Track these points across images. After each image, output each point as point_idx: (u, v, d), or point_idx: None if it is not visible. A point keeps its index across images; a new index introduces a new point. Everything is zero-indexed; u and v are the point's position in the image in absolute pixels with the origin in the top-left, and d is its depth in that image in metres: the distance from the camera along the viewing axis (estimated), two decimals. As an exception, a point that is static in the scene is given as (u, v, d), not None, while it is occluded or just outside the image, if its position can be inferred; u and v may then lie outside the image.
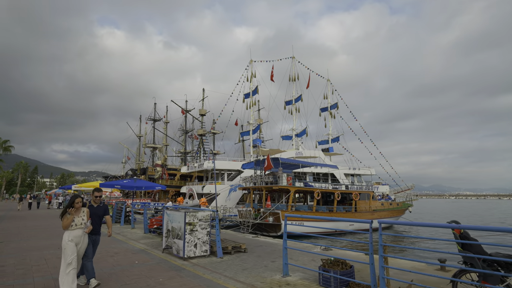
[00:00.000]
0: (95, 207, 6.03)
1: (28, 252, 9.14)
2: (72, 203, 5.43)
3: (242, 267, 7.36)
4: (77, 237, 5.34)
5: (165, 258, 8.29)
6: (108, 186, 18.97)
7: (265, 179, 25.39)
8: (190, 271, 6.88)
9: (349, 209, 27.54)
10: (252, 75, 37.23)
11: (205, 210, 8.69)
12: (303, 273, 6.72)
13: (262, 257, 8.54)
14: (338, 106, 43.79)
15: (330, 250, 9.58)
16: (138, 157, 72.67)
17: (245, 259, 8.26)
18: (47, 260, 8.03)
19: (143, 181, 18.55)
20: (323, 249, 9.76)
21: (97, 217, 6.01)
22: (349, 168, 40.43)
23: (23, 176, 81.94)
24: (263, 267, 7.38)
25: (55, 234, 12.96)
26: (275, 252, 9.20)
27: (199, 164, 33.31)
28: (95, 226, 5.90)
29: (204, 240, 8.35)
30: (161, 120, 60.75)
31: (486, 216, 49.17)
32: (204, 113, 45.51)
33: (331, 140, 43.89)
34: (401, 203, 34.59)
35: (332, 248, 9.79)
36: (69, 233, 5.29)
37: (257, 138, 38.80)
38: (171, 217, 8.75)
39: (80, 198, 5.52)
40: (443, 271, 6.96)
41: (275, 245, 10.46)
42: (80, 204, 5.48)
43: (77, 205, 5.43)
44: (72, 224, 5.30)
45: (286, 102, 41.28)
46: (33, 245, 10.24)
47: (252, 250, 9.43)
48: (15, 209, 32.01)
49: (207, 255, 8.39)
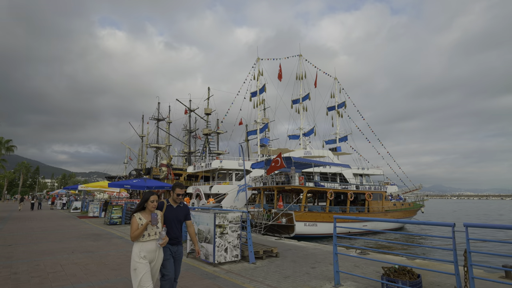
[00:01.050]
0: (175, 208, 4.32)
1: (40, 256, 8.39)
2: (145, 203, 3.92)
3: (282, 274, 6.61)
4: (151, 253, 3.82)
5: (192, 263, 7.55)
6: (116, 186, 18.24)
7: (276, 178, 24.66)
8: (227, 280, 6.13)
9: (362, 209, 26.81)
10: (259, 73, 36.51)
11: (235, 211, 7.95)
12: (356, 282, 5.97)
13: (297, 262, 7.79)
14: (346, 105, 43.10)
15: (367, 253, 8.85)
16: (140, 157, 71.94)
17: (280, 264, 7.52)
18: (63, 266, 7.29)
19: (154, 181, 17.83)
20: (358, 252, 9.02)
21: (178, 223, 4.34)
22: (358, 168, 39.71)
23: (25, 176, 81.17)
24: (305, 274, 6.63)
25: (66, 236, 12.23)
26: (309, 257, 8.45)
27: (206, 164, 32.56)
28: (176, 233, 4.26)
29: (235, 244, 7.60)
30: (164, 120, 60.04)
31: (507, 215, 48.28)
32: (210, 112, 44.76)
33: (339, 140, 43.16)
34: (412, 203, 33.87)
35: (368, 251, 9.06)
36: (140, 247, 3.79)
37: (264, 138, 38.06)
38: (198, 218, 8.01)
39: (156, 195, 4.00)
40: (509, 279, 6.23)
41: (305, 249, 9.71)
42: (156, 204, 3.96)
43: (152, 206, 3.92)
44: (144, 234, 3.80)
45: (293, 101, 40.57)
46: (44, 249, 9.50)
47: (283, 255, 8.68)
48: (17, 209, 31.27)
49: (238, 260, 7.65)
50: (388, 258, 8.20)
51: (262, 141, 36.67)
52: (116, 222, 16.74)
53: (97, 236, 12.42)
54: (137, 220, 3.81)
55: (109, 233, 13.25)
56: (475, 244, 15.02)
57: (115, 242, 10.95)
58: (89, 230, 14.51)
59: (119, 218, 16.89)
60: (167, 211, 4.21)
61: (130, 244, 10.51)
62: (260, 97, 36.73)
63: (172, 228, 4.19)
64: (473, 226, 4.35)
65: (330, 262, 7.81)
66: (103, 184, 23.61)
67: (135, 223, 3.78)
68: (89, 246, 10.04)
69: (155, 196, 3.96)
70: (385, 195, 28.97)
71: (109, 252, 9.02)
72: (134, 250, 3.81)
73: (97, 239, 11.47)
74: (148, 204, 3.90)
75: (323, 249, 9.78)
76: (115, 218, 16.77)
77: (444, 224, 4.50)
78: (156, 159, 56.28)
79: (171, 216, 4.22)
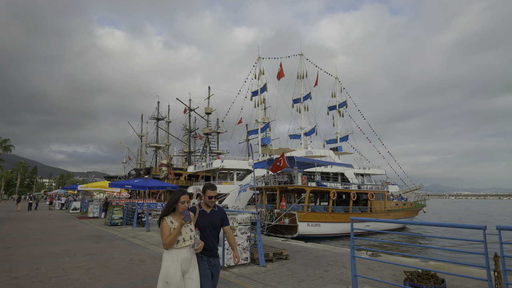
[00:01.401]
0: (209, 214, 3.65)
1: (41, 259, 8.08)
2: (174, 204, 3.30)
3: (295, 278, 6.34)
4: (186, 261, 3.20)
5: (200, 267, 7.26)
6: (117, 186, 17.92)
7: (279, 178, 24.41)
8: (238, 285, 5.85)
9: (365, 209, 26.60)
10: (260, 72, 36.23)
11: (244, 213, 7.68)
12: (374, 287, 5.71)
13: (309, 265, 7.52)
14: (347, 104, 42.90)
15: (379, 255, 8.59)
16: (139, 157, 71.52)
17: (292, 267, 7.25)
18: (66, 270, 6.98)
19: (156, 181, 17.52)
20: (369, 254, 8.77)
21: (214, 230, 3.65)
22: (359, 168, 39.51)
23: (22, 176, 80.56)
24: (319, 278, 6.37)
25: (66, 238, 11.91)
26: (320, 259, 8.19)
27: (207, 164, 32.25)
28: (213, 243, 3.60)
29: (244, 246, 7.33)
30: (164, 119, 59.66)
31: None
32: (210, 112, 44.43)
33: (340, 139, 42.95)
34: (414, 203, 33.70)
35: (379, 253, 8.80)
36: (173, 255, 3.15)
37: (265, 137, 37.80)
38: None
39: (187, 195, 3.40)
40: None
41: (314, 250, 9.44)
42: (187, 206, 3.34)
43: (183, 208, 3.27)
44: (179, 239, 3.18)
45: (294, 100, 40.31)
46: (44, 251, 9.18)
47: (293, 257, 8.41)
48: (14, 210, 30.87)
49: (248, 264, 7.37)
50: (399, 260, 7.95)
51: (263, 141, 36.42)
52: (117, 223, 16.42)
53: (99, 237, 12.11)
54: (169, 223, 3.19)
55: (110, 235, 12.95)
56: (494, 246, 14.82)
57: (117, 244, 10.65)
58: (89, 231, 14.19)
59: (120, 219, 16.58)
60: (200, 217, 3.56)
61: (134, 246, 10.23)
62: (261, 96, 36.45)
63: (208, 237, 3.52)
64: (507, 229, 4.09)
65: (343, 264, 7.56)
66: (104, 184, 23.27)
67: (167, 228, 3.16)
68: (91, 248, 9.74)
69: (186, 196, 3.33)
70: (387, 195, 28.80)
71: (113, 254, 8.72)
72: (166, 258, 3.16)
73: (99, 241, 11.16)
74: (179, 206, 3.28)
75: (333, 251, 9.52)
76: (116, 219, 16.45)
77: (475, 226, 4.24)
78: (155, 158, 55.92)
79: (205, 223, 3.55)
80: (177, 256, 3.14)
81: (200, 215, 3.57)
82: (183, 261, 3.16)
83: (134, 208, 16.55)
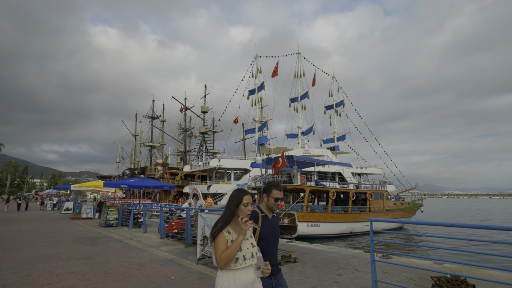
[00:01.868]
0: (271, 220, 2.88)
1: (32, 264, 7.53)
2: (236, 208, 2.51)
3: (308, 283, 5.93)
4: (248, 287, 2.40)
5: (205, 271, 6.81)
6: (112, 186, 17.32)
7: (278, 178, 24.02)
8: (249, 291, 5.41)
9: (364, 209, 26.37)
10: (258, 70, 35.81)
11: (252, 213, 7.23)
12: (395, 293, 5.32)
13: (319, 268, 7.12)
14: (344, 103, 42.75)
15: (390, 257, 8.24)
16: (133, 157, 70.51)
17: (302, 271, 6.84)
18: (59, 276, 6.46)
19: (152, 180, 16.96)
20: (380, 256, 8.41)
21: (276, 240, 2.93)
22: (356, 167, 39.38)
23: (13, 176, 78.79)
24: (334, 283, 5.96)
25: (59, 240, 11.32)
26: (329, 262, 7.79)
27: (204, 163, 31.70)
28: (275, 256, 2.84)
29: (251, 249, 6.89)
30: (158, 118, 58.84)
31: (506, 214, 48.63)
32: (206, 110, 43.81)
33: (337, 139, 42.79)
34: (411, 202, 33.65)
35: (391, 255, 8.45)
36: (230, 278, 2.37)
37: (263, 136, 37.41)
38: (210, 221, 7.27)
39: (250, 195, 2.59)
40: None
41: (322, 252, 9.05)
42: (251, 210, 2.58)
43: (246, 212, 2.51)
44: (238, 257, 2.37)
45: (291, 99, 40.00)
46: (36, 255, 8.62)
47: (301, 259, 8.00)
48: (3, 210, 29.92)
49: (255, 267, 6.93)
50: (412, 262, 7.60)
51: (260, 140, 35.99)
52: (112, 224, 15.84)
53: (94, 239, 11.55)
54: (226, 235, 2.40)
55: (106, 236, 12.39)
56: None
57: (114, 246, 10.12)
58: (83, 232, 13.60)
59: (116, 220, 15.99)
60: (264, 225, 2.76)
61: (131, 248, 9.70)
62: (259, 95, 36.04)
63: (271, 250, 2.76)
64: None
65: (355, 268, 7.18)
66: (98, 184, 22.58)
67: (223, 240, 2.36)
68: (86, 251, 9.20)
69: (249, 197, 2.54)
70: (385, 194, 28.63)
71: (109, 258, 8.21)
72: (220, 283, 2.38)
73: (94, 243, 10.61)
74: (241, 211, 2.48)
75: (341, 252, 9.14)
76: (111, 219, 15.86)
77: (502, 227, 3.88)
78: (150, 158, 55.09)
79: (268, 233, 2.76)
80: (235, 279, 2.34)
81: (264, 221, 2.76)
82: (244, 286, 2.36)
83: (130, 208, 15.99)
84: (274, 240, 2.84)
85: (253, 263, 2.42)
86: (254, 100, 36.50)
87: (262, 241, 2.69)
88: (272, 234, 2.81)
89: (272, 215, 2.91)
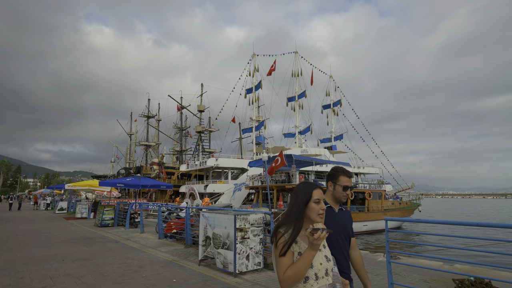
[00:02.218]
0: (338, 214, 2.38)
1: (25, 266, 7.16)
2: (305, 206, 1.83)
3: (318, 285, 5.65)
4: None
5: (208, 273, 6.50)
6: (108, 185, 16.90)
7: (276, 177, 23.77)
8: (257, 295, 5.13)
9: (362, 208, 26.26)
10: (255, 69, 35.52)
11: (257, 212, 6.95)
12: (411, 295, 5.06)
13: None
14: (342, 103, 42.65)
15: (398, 258, 8.01)
16: (128, 156, 69.76)
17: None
18: (54, 279, 6.11)
19: (149, 179, 16.58)
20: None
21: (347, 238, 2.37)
22: (354, 167, 39.27)
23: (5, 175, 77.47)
24: (344, 285, 5.69)
25: (53, 241, 10.91)
26: (336, 263, 7.53)
27: (201, 162, 31.31)
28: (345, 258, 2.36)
29: (257, 250, 6.61)
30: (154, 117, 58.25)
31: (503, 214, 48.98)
32: (203, 109, 43.42)
33: (334, 138, 42.66)
34: (409, 202, 33.65)
35: (398, 255, 8.22)
36: None
37: (260, 135, 37.12)
38: (213, 221, 6.96)
39: (321, 190, 1.89)
40: None
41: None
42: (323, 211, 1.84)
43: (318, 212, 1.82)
44: (308, 276, 1.73)
45: (288, 98, 39.77)
46: (29, 256, 8.23)
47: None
48: (-3, 211, 29.25)
49: (261, 269, 6.65)
50: (422, 263, 7.37)
51: (258, 139, 35.70)
52: (108, 224, 15.43)
53: (89, 240, 11.16)
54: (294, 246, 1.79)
55: (102, 236, 12.00)
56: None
57: (110, 247, 9.76)
58: (78, 233, 13.18)
59: (111, 220, 15.58)
60: (328, 218, 2.21)
61: (129, 249, 9.34)
62: (256, 93, 35.76)
63: (340, 250, 2.26)
64: None
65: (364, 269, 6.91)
66: (93, 183, 22.10)
67: (288, 254, 1.74)
68: (81, 252, 8.83)
69: (320, 192, 1.87)
70: (384, 194, 28.56)
71: (106, 259, 7.85)
72: None
73: (90, 244, 10.23)
74: (312, 209, 1.82)
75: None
76: (107, 219, 15.45)
77: None
78: (145, 157, 54.48)
79: (335, 228, 2.21)
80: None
81: (328, 214, 2.20)
82: None
83: (126, 208, 15.59)
84: (343, 242, 2.26)
85: (327, 283, 1.76)
86: (251, 99, 36.21)
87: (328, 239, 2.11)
88: (339, 232, 2.24)
89: (339, 208, 2.37)
